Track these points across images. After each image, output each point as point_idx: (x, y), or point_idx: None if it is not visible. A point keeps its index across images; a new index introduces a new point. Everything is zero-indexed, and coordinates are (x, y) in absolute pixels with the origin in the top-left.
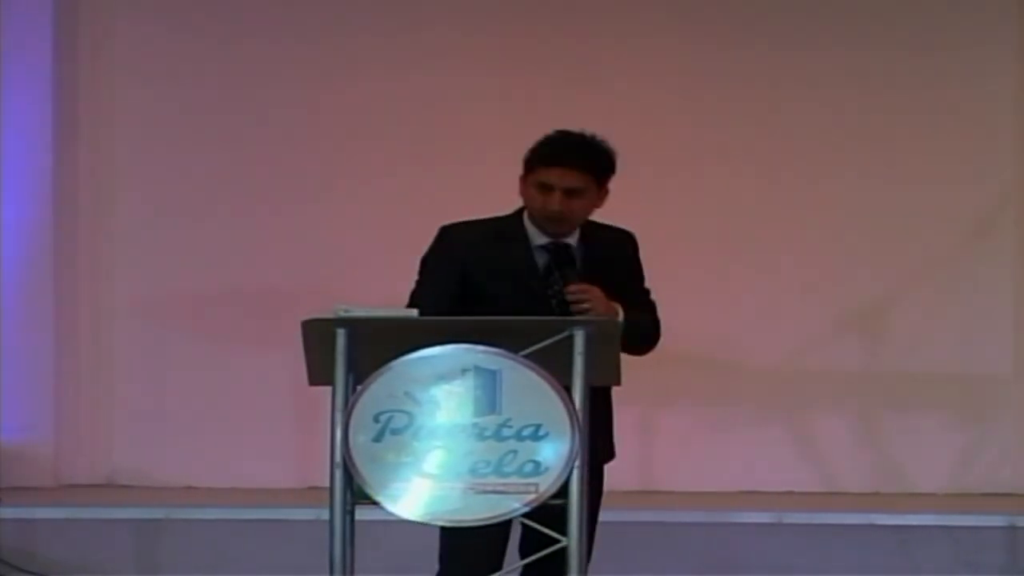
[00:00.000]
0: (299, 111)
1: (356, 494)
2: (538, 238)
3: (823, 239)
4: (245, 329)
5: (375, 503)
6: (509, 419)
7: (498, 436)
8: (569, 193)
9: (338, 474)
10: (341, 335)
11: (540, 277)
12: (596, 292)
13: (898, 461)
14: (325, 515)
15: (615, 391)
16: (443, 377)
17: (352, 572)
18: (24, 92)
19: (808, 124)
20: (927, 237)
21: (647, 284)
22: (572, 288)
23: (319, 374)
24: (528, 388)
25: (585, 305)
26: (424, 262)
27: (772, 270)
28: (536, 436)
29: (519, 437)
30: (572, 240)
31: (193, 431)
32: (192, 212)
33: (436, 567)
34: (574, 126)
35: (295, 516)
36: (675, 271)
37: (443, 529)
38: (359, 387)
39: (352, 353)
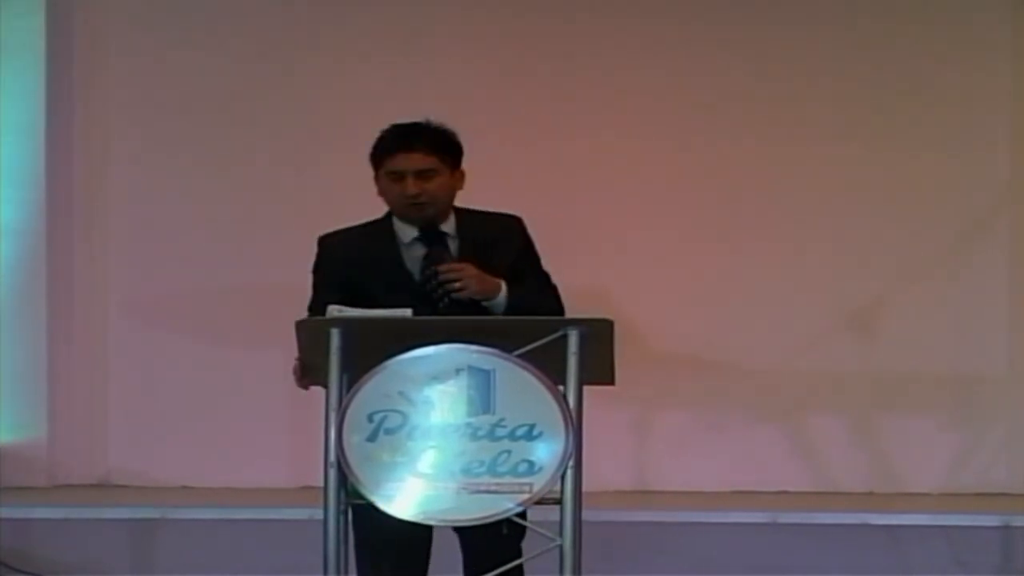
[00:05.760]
0: (293, 111)
1: (350, 493)
2: (409, 233)
3: (818, 239)
4: (239, 329)
5: (369, 503)
6: (503, 419)
7: (492, 436)
8: (420, 175)
9: (332, 474)
10: (335, 335)
11: (412, 274)
12: (469, 270)
13: (892, 461)
14: (319, 515)
15: (610, 391)
16: (437, 377)
17: (346, 571)
18: (18, 95)
19: (803, 125)
20: (921, 237)
21: (545, 267)
22: (442, 268)
23: (313, 374)
24: (522, 388)
25: (457, 284)
26: (312, 274)
27: (766, 271)
28: (530, 436)
29: (513, 437)
30: (448, 228)
31: (188, 431)
32: (186, 212)
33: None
34: (566, 118)
35: (289, 516)
36: (669, 271)
37: (357, 534)
38: (353, 387)
39: (346, 353)
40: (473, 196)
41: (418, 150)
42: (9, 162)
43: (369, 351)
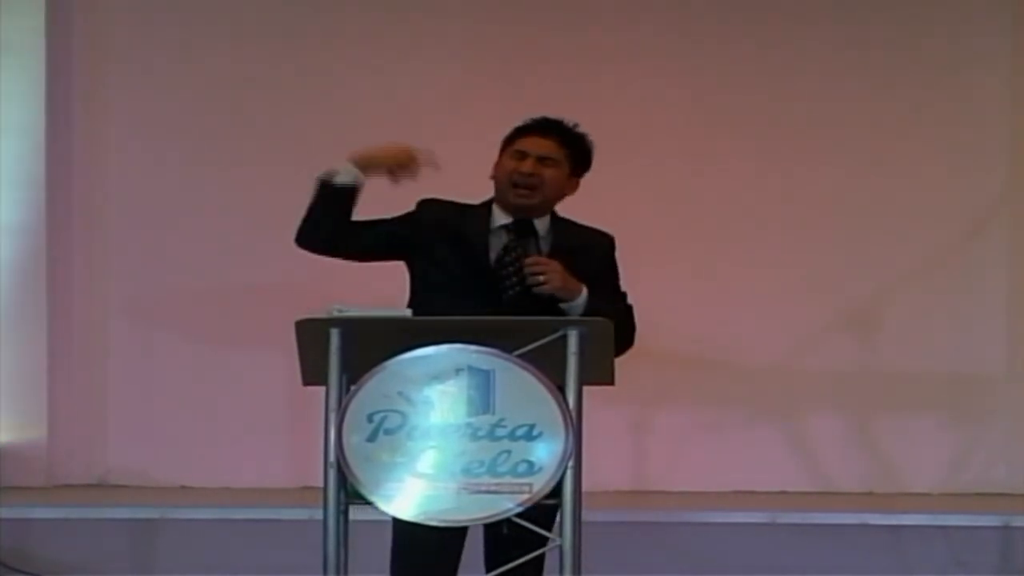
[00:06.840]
0: (294, 111)
1: (350, 494)
2: (502, 218)
3: (817, 239)
4: (239, 329)
5: (369, 503)
6: (503, 419)
7: (492, 436)
8: (542, 160)
9: (332, 474)
10: (335, 335)
11: (490, 258)
12: (555, 265)
13: (892, 461)
14: (319, 515)
15: (609, 391)
16: (437, 377)
17: (346, 572)
18: (18, 95)
19: (803, 124)
20: (921, 237)
21: (624, 288)
22: (529, 260)
23: (313, 374)
24: (522, 388)
25: (541, 278)
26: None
27: (765, 270)
28: (530, 436)
29: (513, 437)
30: (540, 227)
31: (187, 431)
32: (185, 213)
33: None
34: (569, 119)
35: (289, 516)
36: (669, 270)
37: (395, 531)
38: (353, 387)
39: (346, 353)
40: (474, 197)
41: (551, 138)
42: (9, 162)
43: (369, 351)
